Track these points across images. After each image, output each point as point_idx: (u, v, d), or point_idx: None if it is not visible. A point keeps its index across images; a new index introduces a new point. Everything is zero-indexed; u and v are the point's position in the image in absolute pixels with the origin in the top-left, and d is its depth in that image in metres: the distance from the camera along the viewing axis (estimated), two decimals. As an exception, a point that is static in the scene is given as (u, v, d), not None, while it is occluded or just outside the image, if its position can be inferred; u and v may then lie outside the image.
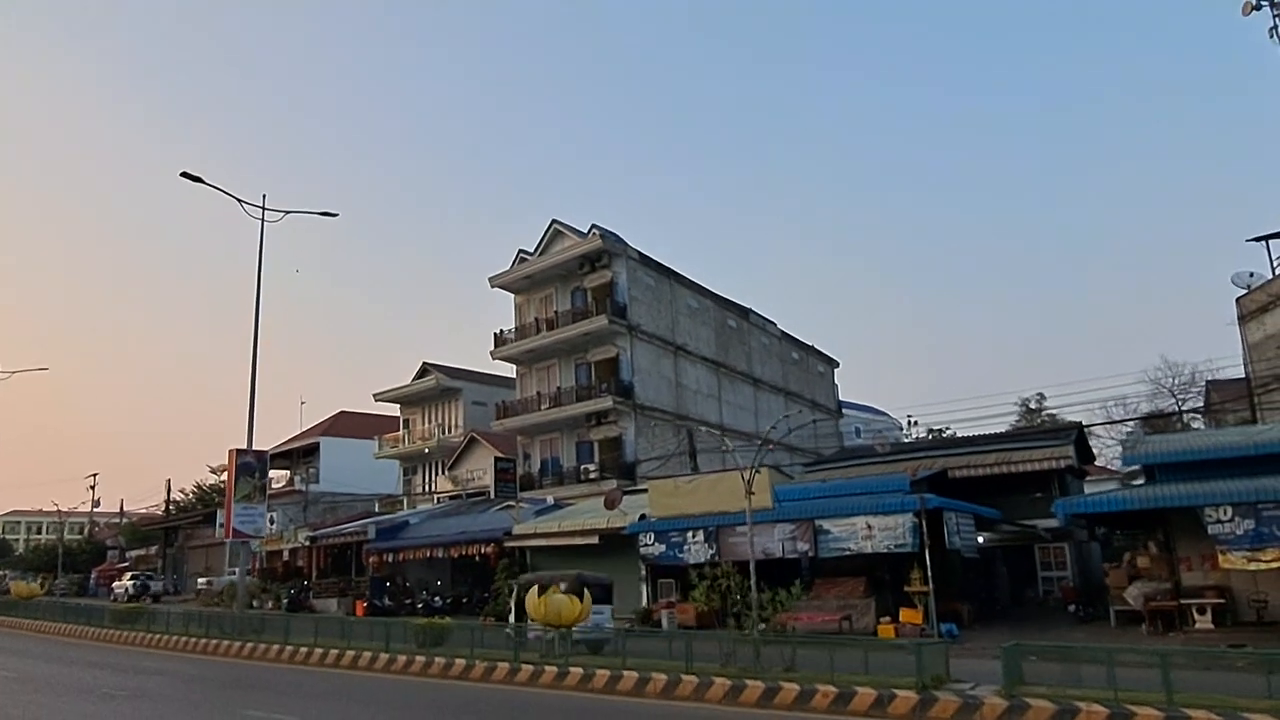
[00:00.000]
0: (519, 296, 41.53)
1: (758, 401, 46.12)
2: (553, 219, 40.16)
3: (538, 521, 29.92)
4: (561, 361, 39.14)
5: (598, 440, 37.04)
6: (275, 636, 18.58)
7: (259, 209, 22.25)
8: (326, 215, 23.81)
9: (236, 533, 22.16)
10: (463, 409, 45.74)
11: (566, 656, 13.74)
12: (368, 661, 15.90)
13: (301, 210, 23.39)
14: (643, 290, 38.67)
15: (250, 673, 16.03)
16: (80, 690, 13.48)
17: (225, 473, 61.98)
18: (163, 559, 58.47)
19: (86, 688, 13.76)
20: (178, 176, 20.46)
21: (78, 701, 12.34)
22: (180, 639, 20.25)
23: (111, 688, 13.68)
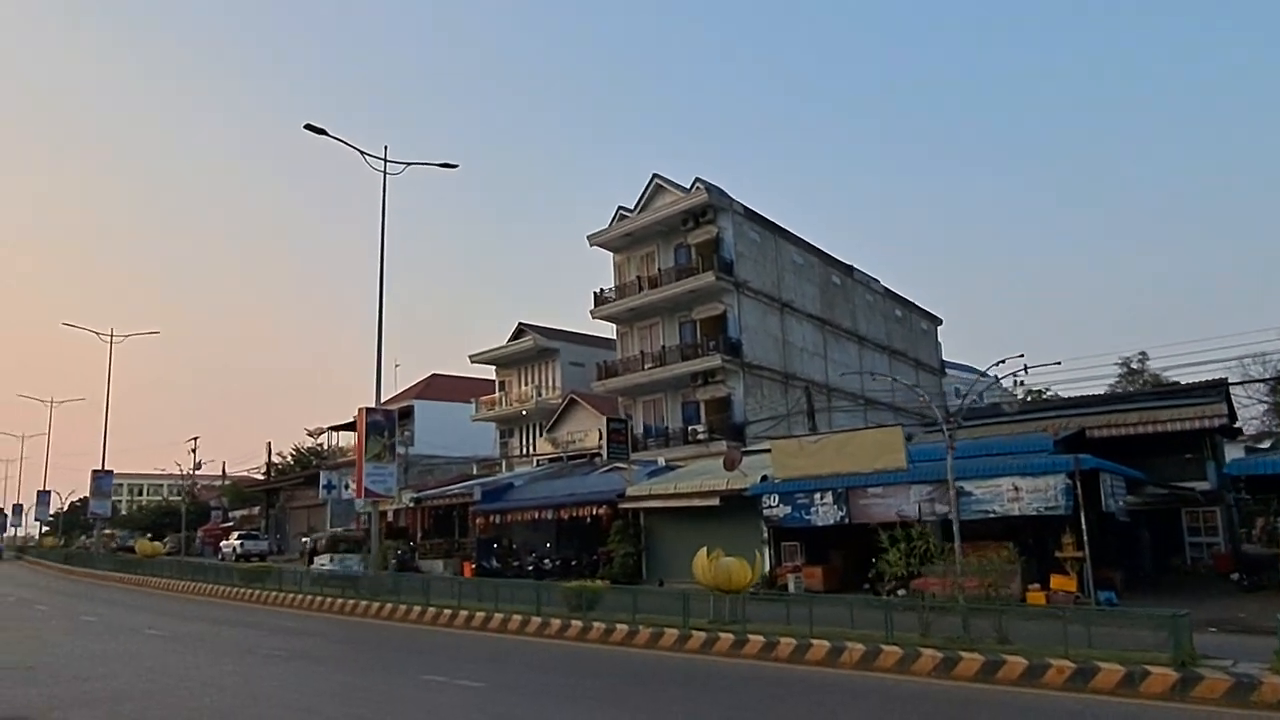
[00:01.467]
0: (619, 255, 40.48)
1: (862, 360, 44.42)
2: (654, 174, 38.88)
3: (652, 483, 29.09)
4: (664, 320, 38.07)
5: (704, 400, 35.96)
6: (413, 598, 18.10)
7: (381, 161, 21.58)
8: (447, 166, 23.07)
9: (368, 492, 21.80)
10: (560, 370, 45.08)
11: (743, 623, 12.74)
12: (518, 625, 15.23)
13: (422, 162, 22.76)
14: (748, 246, 37.27)
15: (397, 634, 15.54)
16: (240, 651, 13.09)
17: (323, 436, 63.55)
18: (265, 519, 59.73)
19: (244, 648, 13.37)
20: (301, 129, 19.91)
21: (244, 663, 11.91)
22: (311, 598, 20.00)
23: (268, 648, 13.27)
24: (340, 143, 20.81)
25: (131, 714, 8.58)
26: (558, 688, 10.24)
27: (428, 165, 22.78)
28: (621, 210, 39.93)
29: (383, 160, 21.69)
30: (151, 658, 12.33)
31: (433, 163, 22.79)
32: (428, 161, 22.53)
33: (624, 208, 39.89)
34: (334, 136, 20.68)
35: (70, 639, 15.18)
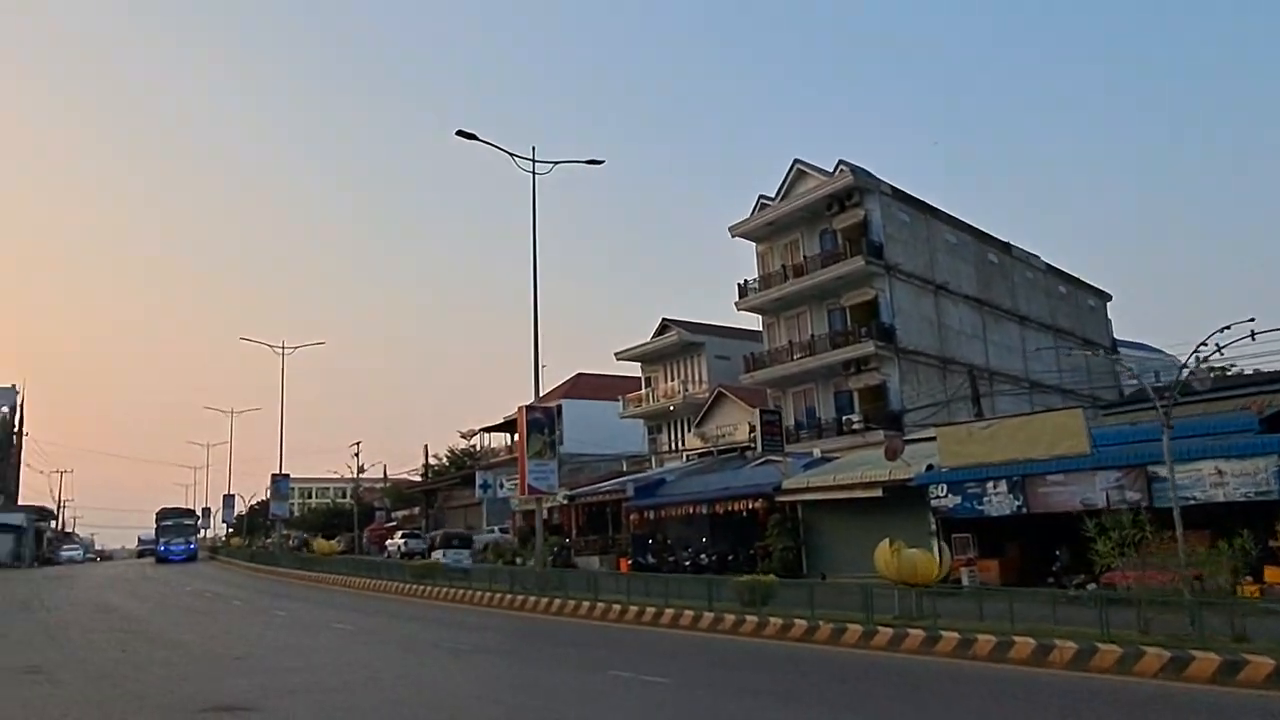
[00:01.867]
0: (761, 244, 39.74)
1: (1025, 341, 41.98)
2: (794, 159, 37.95)
3: (809, 475, 28.31)
4: (812, 308, 37.06)
5: (857, 389, 34.78)
6: (582, 593, 18.12)
7: (530, 161, 21.82)
8: (593, 163, 23.13)
9: (531, 489, 22.09)
10: (706, 364, 44.71)
11: (934, 618, 11.98)
12: (690, 620, 14.94)
13: (569, 160, 22.87)
14: (897, 227, 35.78)
15: (568, 629, 15.57)
16: (425, 645, 13.39)
17: (475, 438, 65.64)
18: (425, 519, 62.11)
19: (428, 642, 13.67)
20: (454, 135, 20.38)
21: (432, 657, 12.14)
22: (481, 594, 20.39)
23: (451, 642, 13.50)
24: (490, 146, 21.19)
25: (341, 704, 8.79)
26: (748, 684, 9.87)
27: (574, 163, 22.92)
28: (763, 199, 39.20)
29: (531, 160, 21.94)
30: (344, 651, 12.74)
31: (579, 160, 22.92)
32: (574, 159, 22.70)
33: (765, 196, 39.15)
34: (485, 141, 21.07)
35: (268, 632, 15.98)
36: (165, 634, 15.62)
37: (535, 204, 22.26)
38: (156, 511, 67.50)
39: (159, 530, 63.01)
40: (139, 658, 12.16)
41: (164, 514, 65.31)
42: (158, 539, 62.97)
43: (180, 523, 63.78)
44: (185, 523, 64.71)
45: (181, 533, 62.05)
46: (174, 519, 64.13)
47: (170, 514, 65.47)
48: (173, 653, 12.67)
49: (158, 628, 16.96)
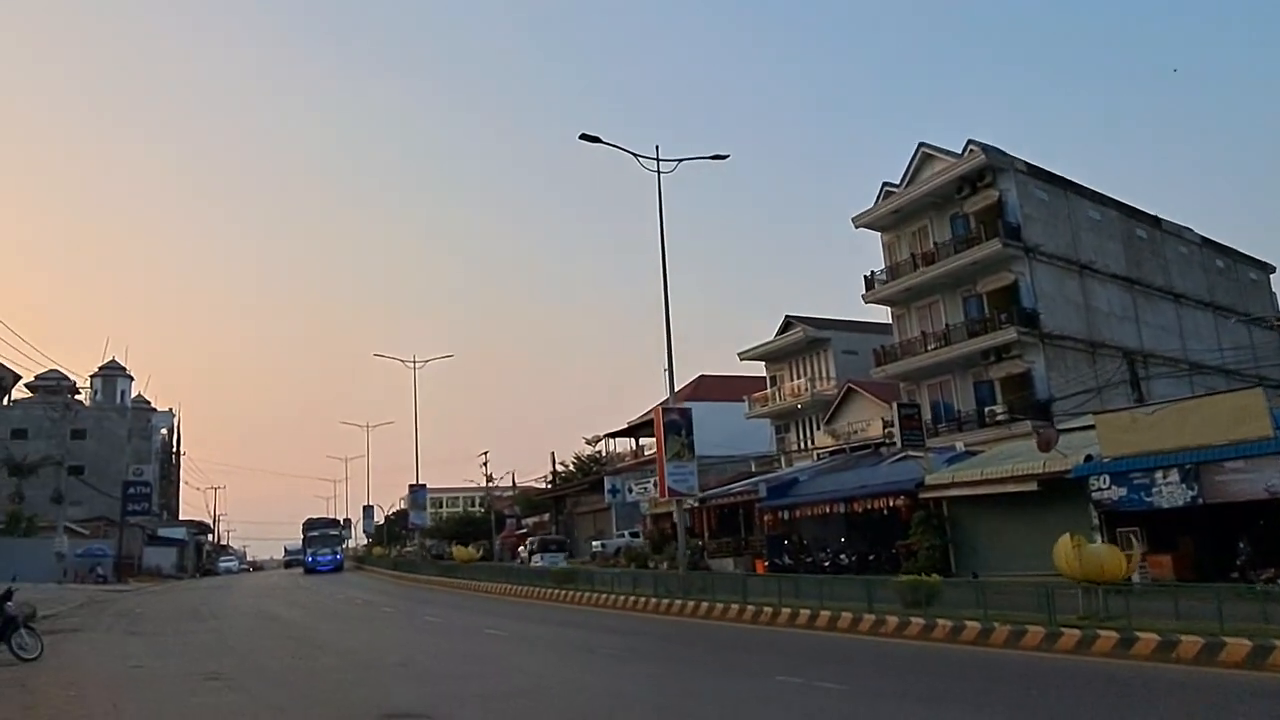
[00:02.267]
0: (887, 234, 38.48)
1: (1181, 320, 39.21)
2: (920, 143, 36.60)
3: (953, 470, 27.03)
4: (945, 297, 35.56)
5: (998, 379, 33.12)
6: (729, 596, 17.69)
7: (654, 161, 21.64)
8: (718, 158, 22.79)
9: (671, 491, 21.88)
10: (833, 360, 43.61)
11: (1126, 618, 10.98)
12: (848, 623, 14.28)
13: (694, 157, 22.60)
14: (1035, 206, 33.93)
15: (722, 633, 15.17)
16: (579, 649, 13.25)
17: (600, 444, 66.11)
18: (555, 525, 62.88)
19: (582, 647, 13.53)
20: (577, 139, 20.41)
21: (591, 662, 11.99)
22: (623, 598, 20.23)
23: (606, 647, 13.33)
24: (613, 148, 21.06)
25: (514, 712, 8.67)
26: (932, 691, 9.23)
27: (698, 159, 22.59)
28: (887, 186, 37.97)
29: (655, 160, 21.72)
30: (504, 657, 12.71)
31: (703, 156, 22.60)
32: (699, 155, 22.36)
33: (889, 183, 37.92)
34: (608, 143, 21.01)
35: (424, 638, 16.23)
36: (329, 641, 16.07)
37: (661, 204, 22.08)
38: (303, 522, 67.24)
39: (306, 541, 62.49)
40: (310, 664, 12.47)
41: (310, 524, 64.75)
42: (304, 549, 62.74)
43: (326, 533, 62.79)
44: (331, 533, 63.75)
45: (328, 543, 61.21)
46: (320, 529, 63.26)
47: (317, 524, 64.82)
48: (341, 659, 12.94)
49: (320, 634, 17.50)
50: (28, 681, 11.96)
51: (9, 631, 14.60)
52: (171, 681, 11.54)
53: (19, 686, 11.37)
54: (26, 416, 58.50)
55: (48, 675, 12.52)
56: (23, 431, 57.14)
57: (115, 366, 64.53)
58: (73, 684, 11.66)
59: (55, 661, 14.20)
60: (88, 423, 59.35)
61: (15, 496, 47.67)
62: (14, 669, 13.38)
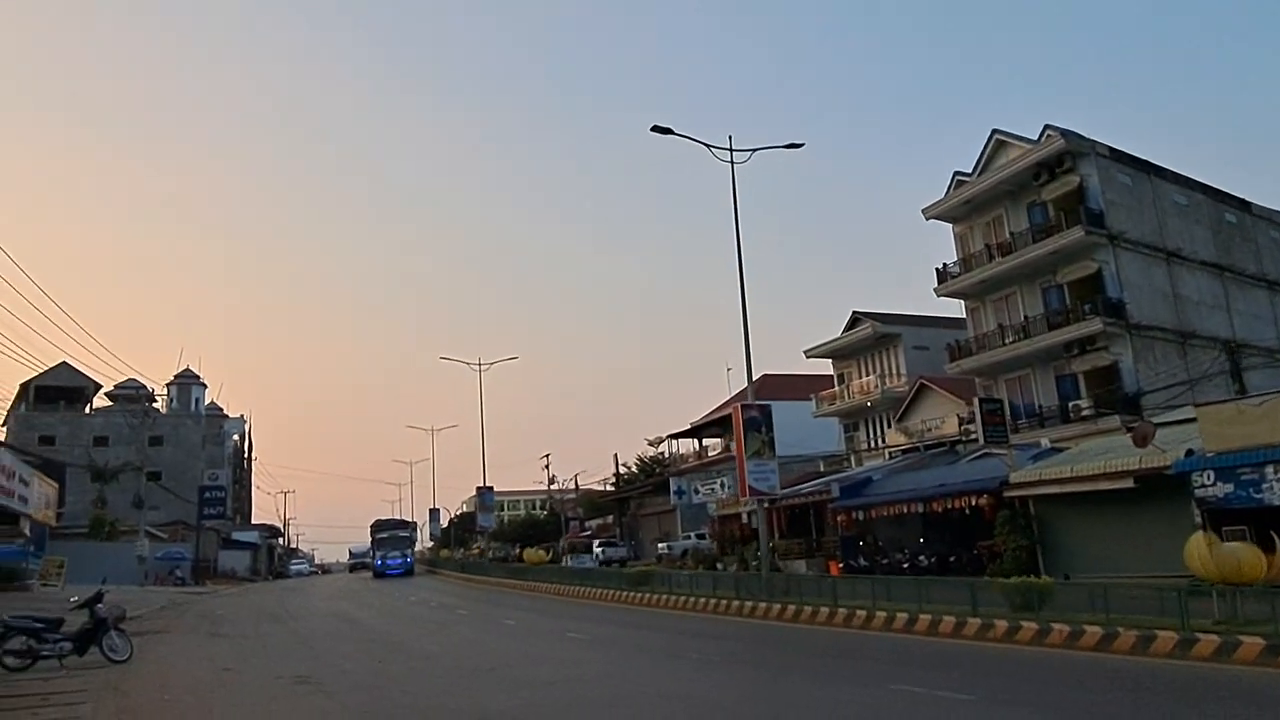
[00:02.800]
0: (959, 225, 37.34)
1: (1275, 308, 37.39)
2: (993, 130, 35.44)
3: (1040, 467, 25.95)
4: (1023, 288, 34.32)
5: (1082, 372, 31.81)
6: (817, 598, 17.06)
7: (727, 151, 21.04)
8: (792, 147, 22.10)
9: (752, 490, 21.28)
10: (903, 356, 42.51)
11: (1276, 623, 10.11)
12: (951, 627, 13.55)
13: (767, 146, 21.95)
14: (1118, 192, 32.53)
15: (815, 638, 14.58)
16: (668, 655, 12.80)
17: (663, 445, 65.65)
18: (619, 527, 62.58)
19: (669, 652, 13.08)
20: (649, 131, 19.93)
21: (685, 669, 11.51)
22: (701, 600, 19.70)
23: (698, 652, 12.84)
24: (687, 139, 20.53)
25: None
26: (1073, 702, 8.49)
27: (772, 149, 21.94)
28: (958, 175, 36.87)
29: (729, 150, 21.15)
30: (592, 662, 12.31)
31: (778, 145, 21.95)
32: (773, 145, 21.76)
33: (960, 173, 36.82)
34: (680, 134, 20.50)
35: (508, 642, 15.91)
36: (409, 644, 15.87)
37: (735, 195, 21.49)
38: (371, 523, 64.20)
39: (375, 543, 58.91)
40: (395, 669, 12.24)
41: (379, 526, 61.18)
42: (373, 552, 59.58)
43: (396, 534, 58.72)
44: (401, 534, 59.46)
45: (398, 545, 57.34)
46: (389, 530, 59.30)
47: (385, 525, 61.02)
48: (426, 664, 12.69)
49: (399, 638, 17.34)
50: (120, 684, 11.93)
51: (100, 634, 14.67)
52: (260, 685, 11.40)
53: (113, 690, 11.32)
54: (107, 424, 60.19)
55: (139, 678, 12.49)
56: (104, 439, 58.81)
57: (189, 374, 66.14)
58: (164, 687, 11.58)
59: (145, 664, 14.21)
60: (164, 429, 60.88)
61: (98, 501, 49.02)
62: (105, 671, 13.40)
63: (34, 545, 34.76)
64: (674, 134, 20.34)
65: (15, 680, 12.67)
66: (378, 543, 58.01)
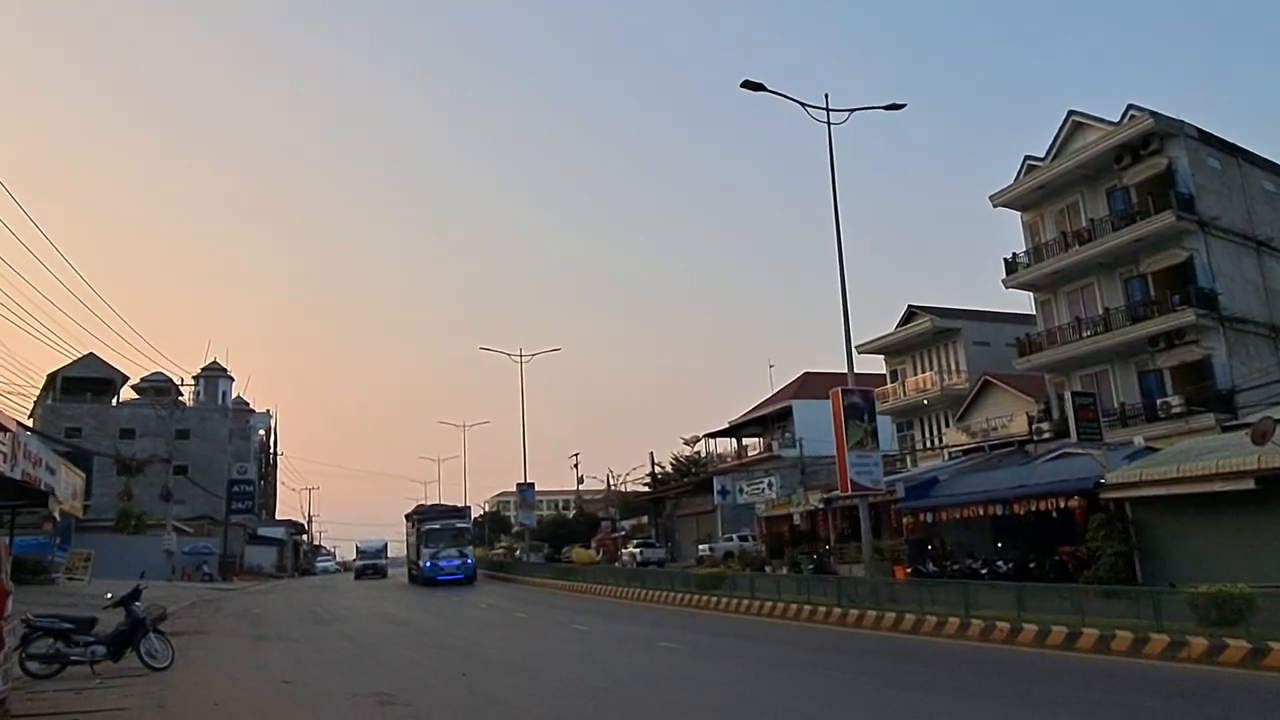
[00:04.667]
0: (1028, 213, 35.40)
1: (1365, 305, 35.16)
2: (1069, 110, 33.46)
3: (1141, 467, 23.98)
4: (1101, 279, 32.32)
5: (1168, 368, 29.79)
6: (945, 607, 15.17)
7: (824, 111, 19.28)
8: (893, 108, 20.30)
9: (854, 485, 19.49)
10: (963, 351, 40.54)
11: None
12: (1127, 644, 11.58)
13: (867, 106, 20.14)
14: (1208, 176, 30.49)
15: (958, 652, 12.73)
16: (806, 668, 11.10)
17: (699, 445, 63.86)
18: (654, 528, 60.83)
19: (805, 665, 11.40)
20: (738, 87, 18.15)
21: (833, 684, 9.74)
22: (794, 607, 17.94)
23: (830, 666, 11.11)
24: (780, 96, 18.70)
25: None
26: None
27: (872, 109, 20.13)
28: (1030, 160, 34.93)
29: (825, 110, 19.38)
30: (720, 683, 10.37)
31: (878, 106, 20.15)
32: (872, 105, 19.96)
33: (1032, 158, 34.88)
34: (774, 91, 18.70)
35: (596, 651, 14.17)
36: (483, 652, 14.17)
37: (832, 157, 19.68)
38: (411, 510, 50.62)
39: (420, 537, 42.38)
40: (488, 685, 10.47)
41: (425, 514, 45.47)
42: (418, 548, 42.95)
43: (451, 525, 42.63)
44: (458, 525, 43.29)
45: (454, 539, 41.42)
46: (440, 519, 43.35)
47: (434, 513, 45.31)
48: (521, 680, 10.90)
49: (465, 643, 15.67)
50: (165, 698, 10.31)
51: (138, 636, 13.04)
52: (335, 704, 9.70)
53: (157, 707, 9.66)
54: (134, 416, 59.12)
55: (185, 690, 10.87)
56: (130, 431, 57.70)
57: (217, 368, 64.98)
58: (217, 703, 9.92)
59: (189, 673, 12.60)
60: (191, 423, 59.72)
61: (124, 494, 47.81)
62: (145, 681, 11.78)
63: (59, 538, 33.48)
64: (766, 90, 18.57)
65: (40, 690, 11.04)
66: (425, 536, 41.63)
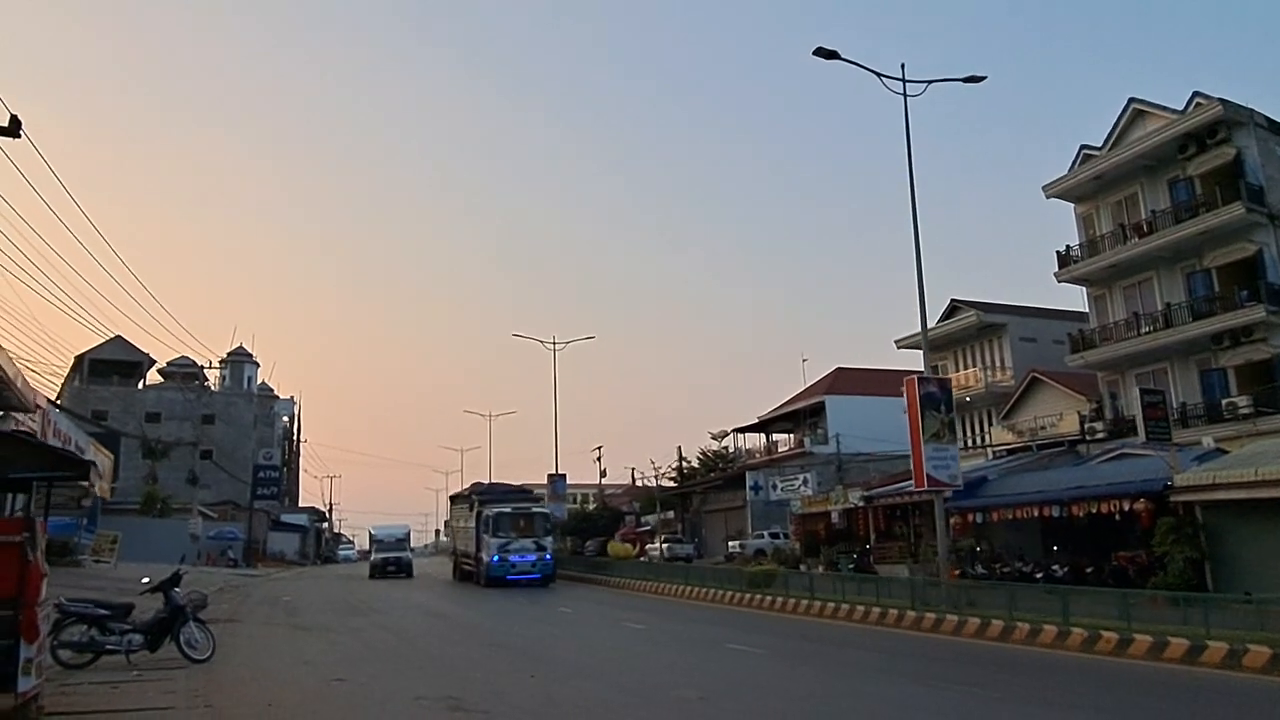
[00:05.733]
0: (1082, 205, 34.22)
1: None
2: (1130, 98, 32.25)
3: (1214, 469, 22.85)
4: (1161, 273, 31.11)
5: (1233, 366, 28.59)
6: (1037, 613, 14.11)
7: (900, 81, 18.22)
8: (973, 80, 19.22)
9: (930, 480, 18.45)
10: (1008, 347, 39.34)
11: None
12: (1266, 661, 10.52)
13: (946, 78, 19.05)
14: (1276, 167, 29.17)
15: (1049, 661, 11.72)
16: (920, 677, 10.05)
17: (726, 439, 62.86)
18: (680, 523, 59.93)
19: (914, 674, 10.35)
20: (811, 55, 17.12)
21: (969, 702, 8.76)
22: (860, 609, 16.97)
23: (899, 672, 10.09)
24: (856, 65, 17.65)
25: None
26: None
27: (950, 81, 19.04)
28: (1086, 150, 33.74)
29: (901, 80, 18.32)
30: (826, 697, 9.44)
31: (957, 78, 19.06)
32: (951, 77, 18.88)
33: (1088, 147, 33.69)
34: (848, 60, 17.70)
35: (663, 653, 13.21)
36: (545, 652, 13.20)
37: (909, 130, 18.65)
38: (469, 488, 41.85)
39: (488, 524, 31.75)
40: (561, 691, 9.45)
41: (490, 494, 35.69)
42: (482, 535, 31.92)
43: (527, 510, 33.53)
44: (535, 510, 34.30)
45: (530, 529, 31.94)
46: (513, 502, 33.96)
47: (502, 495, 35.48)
48: (596, 684, 9.92)
49: (520, 641, 14.76)
50: (210, 694, 9.52)
51: (177, 625, 12.27)
52: (400, 707, 8.79)
53: (205, 707, 8.84)
54: (160, 400, 58.83)
55: (231, 688, 10.06)
56: (156, 415, 57.39)
57: (242, 353, 64.58)
58: (269, 704, 9.07)
59: (231, 665, 11.82)
60: (216, 407, 59.34)
61: (150, 478, 47.44)
62: (185, 673, 11.01)
63: (86, 519, 33.04)
64: (840, 58, 17.54)
65: (73, 682, 10.28)
66: (492, 523, 31.65)
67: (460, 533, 39.20)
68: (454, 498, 45.66)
